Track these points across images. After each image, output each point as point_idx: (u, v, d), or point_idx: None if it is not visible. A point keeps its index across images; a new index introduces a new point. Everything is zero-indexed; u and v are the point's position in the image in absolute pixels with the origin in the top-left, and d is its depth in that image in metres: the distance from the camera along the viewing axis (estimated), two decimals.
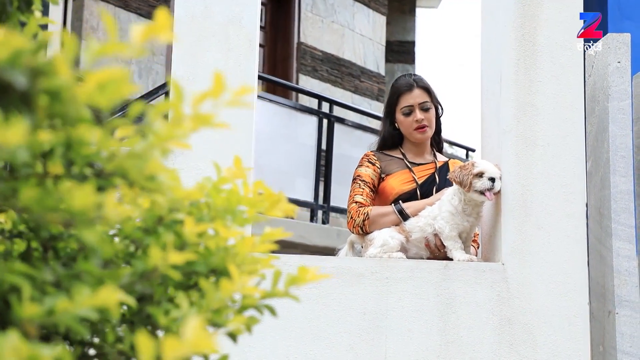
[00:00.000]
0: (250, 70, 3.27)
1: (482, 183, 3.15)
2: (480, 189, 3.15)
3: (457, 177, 3.20)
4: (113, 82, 0.85)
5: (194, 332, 0.75)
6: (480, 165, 3.19)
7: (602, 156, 3.35)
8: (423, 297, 3.15)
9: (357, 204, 3.46)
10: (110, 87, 0.84)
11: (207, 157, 3.24)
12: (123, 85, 0.86)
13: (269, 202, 1.23)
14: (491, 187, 3.16)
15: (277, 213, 1.23)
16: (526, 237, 3.19)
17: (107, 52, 0.90)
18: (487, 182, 3.15)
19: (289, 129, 7.31)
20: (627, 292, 3.18)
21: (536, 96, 3.27)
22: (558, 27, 3.31)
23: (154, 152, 0.95)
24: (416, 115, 3.53)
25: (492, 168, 3.19)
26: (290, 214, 1.26)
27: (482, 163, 3.21)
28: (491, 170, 3.17)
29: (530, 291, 3.16)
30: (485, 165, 3.20)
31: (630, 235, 3.22)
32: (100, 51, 0.90)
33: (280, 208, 1.23)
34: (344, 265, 3.17)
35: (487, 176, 3.16)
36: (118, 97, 0.86)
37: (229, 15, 3.29)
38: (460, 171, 3.20)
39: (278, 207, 1.23)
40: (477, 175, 3.16)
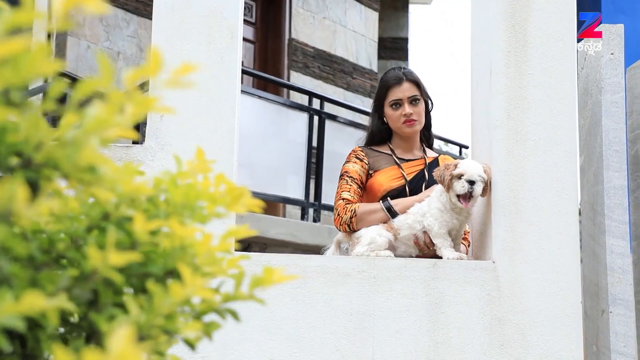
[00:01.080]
0: (232, 64, 3.17)
1: (461, 186, 3.05)
2: (457, 192, 3.05)
3: (439, 176, 3.10)
4: (24, 56, 0.74)
5: (120, 345, 0.65)
6: (461, 167, 3.08)
7: (595, 151, 3.26)
8: (411, 297, 3.05)
9: (344, 200, 3.36)
10: (22, 62, 0.74)
11: (187, 152, 3.14)
12: (38, 62, 0.75)
13: (230, 197, 1.13)
14: (470, 190, 3.05)
15: (240, 209, 1.13)
16: (517, 234, 3.09)
17: (22, 21, 0.79)
18: (466, 185, 3.04)
19: (279, 126, 7.20)
20: (621, 291, 3.09)
21: (527, 89, 3.17)
22: (550, 17, 3.21)
23: (90, 140, 0.85)
24: (405, 109, 3.44)
25: (475, 170, 3.07)
26: (254, 209, 1.15)
27: (466, 164, 3.10)
28: (472, 172, 3.06)
29: (521, 290, 3.06)
30: (467, 166, 3.08)
31: (624, 232, 3.13)
32: (14, 20, 0.80)
33: (243, 203, 1.13)
34: (330, 264, 3.08)
35: (466, 179, 3.05)
36: (32, 74, 0.76)
37: (210, 7, 3.19)
38: (443, 170, 3.10)
39: (241, 202, 1.13)
40: (457, 176, 3.06)
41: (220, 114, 3.13)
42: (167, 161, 3.09)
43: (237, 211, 1.14)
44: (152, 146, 3.10)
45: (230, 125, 3.14)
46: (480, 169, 3.09)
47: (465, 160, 3.18)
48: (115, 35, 7.53)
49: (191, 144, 3.10)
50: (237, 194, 1.13)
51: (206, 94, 3.14)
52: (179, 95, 3.13)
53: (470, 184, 3.05)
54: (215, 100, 3.14)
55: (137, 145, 3.12)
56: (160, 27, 3.18)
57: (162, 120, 3.11)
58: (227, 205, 1.14)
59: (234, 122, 3.15)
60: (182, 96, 3.10)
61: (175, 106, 3.16)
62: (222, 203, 1.13)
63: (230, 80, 3.15)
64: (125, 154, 3.09)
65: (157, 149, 3.10)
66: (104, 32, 7.51)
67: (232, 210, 1.14)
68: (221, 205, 1.14)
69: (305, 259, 3.08)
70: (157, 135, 3.11)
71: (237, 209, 1.13)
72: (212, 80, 3.14)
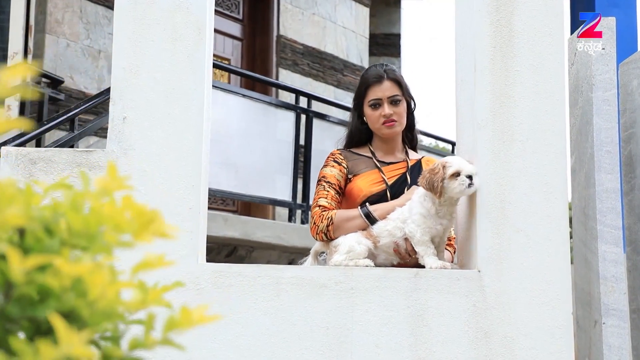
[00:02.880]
0: (200, 62, 2.97)
1: (461, 183, 2.87)
2: (456, 190, 2.87)
3: (426, 182, 2.90)
4: None
5: None
6: (454, 164, 2.90)
7: (586, 151, 3.07)
8: (392, 309, 2.86)
9: (320, 208, 3.17)
10: None
11: (152, 158, 2.96)
12: None
13: (138, 223, 0.94)
14: (470, 185, 2.87)
15: (148, 237, 0.94)
16: (504, 241, 2.90)
17: None
18: (466, 180, 2.87)
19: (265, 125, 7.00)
20: (614, 300, 2.90)
21: (513, 87, 2.98)
22: (537, 11, 3.02)
23: None
24: (384, 110, 3.25)
25: (468, 165, 2.91)
26: (167, 236, 0.97)
27: (455, 161, 2.92)
28: (467, 167, 2.89)
29: (508, 300, 2.87)
30: (459, 163, 2.91)
31: (617, 237, 2.94)
32: None
33: (154, 230, 0.94)
34: (305, 276, 2.89)
35: (465, 174, 2.87)
36: None
37: (176, 1, 2.99)
38: (430, 176, 2.90)
39: (150, 228, 0.94)
40: (453, 175, 2.87)
41: (187, 115, 2.94)
42: (131, 167, 2.90)
43: (145, 240, 0.95)
44: (114, 151, 2.91)
45: (198, 127, 2.95)
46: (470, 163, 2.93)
47: (453, 157, 2.99)
48: (95, 33, 7.33)
49: (156, 149, 2.91)
50: (145, 220, 0.94)
51: (172, 94, 2.95)
52: (143, 96, 2.95)
53: (470, 178, 2.88)
54: (181, 101, 2.95)
55: (98, 150, 2.93)
56: (122, 24, 2.99)
57: (124, 122, 2.92)
58: (134, 232, 0.95)
59: (202, 124, 2.96)
60: (146, 97, 2.92)
61: (139, 108, 2.98)
62: (128, 230, 0.94)
63: (198, 79, 2.96)
64: (86, 159, 2.90)
65: (120, 153, 2.91)
66: (84, 29, 7.31)
67: (140, 239, 0.95)
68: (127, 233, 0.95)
69: (278, 269, 2.89)
70: (119, 139, 2.92)
71: (145, 237, 0.94)
72: (178, 80, 2.95)
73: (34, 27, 7.01)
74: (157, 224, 0.94)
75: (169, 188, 2.89)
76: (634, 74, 3.19)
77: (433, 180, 2.88)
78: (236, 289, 2.85)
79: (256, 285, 2.86)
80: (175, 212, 2.88)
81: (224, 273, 2.87)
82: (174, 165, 2.91)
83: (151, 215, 0.94)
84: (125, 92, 2.94)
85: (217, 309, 2.83)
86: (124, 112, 2.93)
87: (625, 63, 3.25)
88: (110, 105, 2.94)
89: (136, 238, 0.94)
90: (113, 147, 2.91)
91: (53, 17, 7.06)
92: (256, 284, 2.86)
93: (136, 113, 2.93)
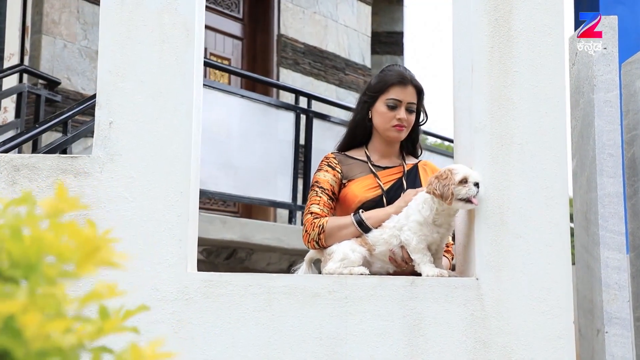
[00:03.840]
0: (188, 64, 2.89)
1: (469, 190, 2.78)
2: (466, 196, 2.78)
3: (435, 189, 2.80)
4: None
5: None
6: (460, 171, 2.80)
7: (588, 154, 2.97)
8: (387, 319, 2.77)
9: (312, 214, 3.07)
10: None
11: (139, 164, 2.87)
12: None
13: (82, 252, 0.85)
14: (477, 192, 2.79)
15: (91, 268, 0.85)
16: (503, 248, 2.81)
17: None
18: (473, 188, 2.78)
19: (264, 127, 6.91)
20: (617, 309, 2.81)
21: (512, 88, 2.89)
22: (537, 9, 2.92)
23: None
24: (400, 113, 3.14)
25: (474, 172, 2.82)
26: (115, 266, 0.88)
27: (461, 168, 2.83)
28: (473, 174, 2.80)
29: (508, 309, 2.78)
30: (465, 169, 2.82)
31: (620, 243, 2.85)
32: None
33: (99, 259, 0.86)
34: (298, 284, 2.80)
35: (472, 181, 2.78)
36: None
37: (163, 2, 2.90)
38: (439, 182, 2.81)
39: (95, 258, 0.85)
40: (462, 182, 2.78)
41: (175, 119, 2.85)
42: (117, 173, 2.81)
43: (89, 271, 0.86)
44: (100, 157, 2.82)
45: (186, 131, 2.86)
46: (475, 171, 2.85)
47: (458, 165, 2.89)
48: (93, 34, 7.24)
49: (144, 154, 2.83)
50: (90, 248, 0.85)
51: (160, 97, 2.86)
52: (130, 100, 2.86)
53: (476, 186, 2.79)
54: (170, 105, 2.86)
55: (84, 156, 2.84)
56: (108, 25, 2.90)
57: (111, 127, 2.83)
58: (78, 262, 0.86)
59: (191, 128, 2.87)
60: (133, 101, 2.83)
61: (126, 112, 2.89)
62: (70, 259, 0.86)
63: (187, 81, 2.87)
64: (71, 165, 2.81)
65: (106, 159, 2.82)
66: (82, 30, 7.23)
67: (83, 270, 0.86)
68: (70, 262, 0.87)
69: (270, 278, 2.80)
70: (105, 144, 2.83)
71: (88, 268, 0.85)
72: (166, 83, 2.86)
73: (31, 28, 6.94)
74: (103, 252, 0.85)
75: (156, 195, 2.81)
76: (636, 74, 3.09)
77: (443, 186, 2.78)
78: (226, 299, 2.76)
79: (247, 295, 2.77)
80: (163, 219, 2.79)
81: (213, 282, 2.78)
82: (162, 171, 2.82)
83: (98, 242, 0.85)
84: (111, 95, 2.85)
85: (207, 319, 2.74)
86: (110, 116, 2.84)
87: (628, 63, 3.15)
88: (96, 109, 2.86)
89: (79, 268, 0.85)
90: (99, 153, 2.83)
91: (50, 17, 6.98)
92: (247, 293, 2.77)
93: (123, 117, 2.84)
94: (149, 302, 2.74)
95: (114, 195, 2.80)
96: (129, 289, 2.69)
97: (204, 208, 7.78)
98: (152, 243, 2.78)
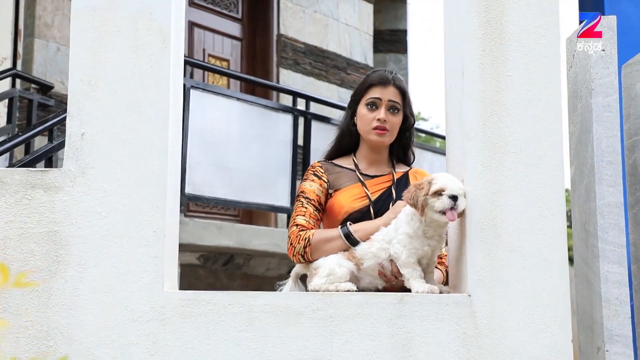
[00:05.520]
0: (164, 71, 2.75)
1: (442, 202, 2.63)
2: (439, 209, 2.63)
3: (409, 198, 2.67)
4: None
5: None
6: (439, 181, 2.66)
7: (587, 162, 2.82)
8: (375, 338, 2.63)
9: (297, 227, 2.93)
10: None
11: (113, 178, 2.73)
12: None
13: None
14: (453, 206, 2.63)
15: None
16: (496, 262, 2.66)
17: None
18: (447, 201, 2.63)
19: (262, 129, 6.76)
20: (618, 325, 2.66)
21: (505, 93, 2.74)
22: (530, 10, 2.77)
23: None
24: (380, 114, 3.01)
25: (455, 184, 2.66)
26: None
27: (443, 178, 2.68)
28: (453, 186, 2.65)
29: (502, 328, 2.63)
30: (446, 180, 2.67)
31: (620, 256, 2.69)
32: None
33: None
34: (280, 303, 2.65)
35: (448, 194, 2.63)
36: None
37: (137, 6, 2.77)
38: (415, 191, 2.67)
39: None
40: (436, 193, 2.64)
41: (151, 130, 2.72)
42: (89, 187, 2.68)
43: None
44: (71, 170, 2.69)
45: (163, 143, 2.72)
46: (459, 182, 2.68)
47: (441, 174, 2.74)
48: None
49: (117, 167, 2.70)
50: None
51: (134, 108, 2.72)
52: (103, 110, 2.72)
53: (452, 199, 2.63)
54: (145, 115, 2.72)
55: (55, 170, 2.71)
56: (79, 32, 2.77)
57: (83, 139, 2.70)
58: None
59: (168, 139, 2.72)
60: (106, 111, 2.70)
61: (99, 123, 2.75)
62: None
63: (163, 90, 2.73)
64: (40, 179, 2.68)
65: (78, 173, 2.69)
66: None
67: None
68: None
69: (251, 297, 2.66)
70: (77, 157, 2.69)
71: None
72: (141, 92, 2.73)
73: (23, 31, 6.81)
74: None
75: (131, 210, 2.67)
76: (637, 76, 2.94)
77: (417, 195, 2.64)
78: (205, 319, 2.63)
79: (226, 314, 2.63)
80: (138, 235, 2.66)
81: (191, 301, 2.64)
82: (137, 185, 2.68)
83: None
84: (83, 106, 2.72)
85: (184, 340, 2.61)
86: (82, 127, 2.71)
87: (629, 64, 2.99)
88: (67, 120, 2.72)
89: None
90: (70, 166, 2.69)
91: (42, 20, 6.85)
92: (226, 312, 2.63)
93: (95, 129, 2.70)
94: (123, 323, 2.61)
95: (86, 210, 2.66)
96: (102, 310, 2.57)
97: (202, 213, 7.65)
98: (126, 260, 2.65)
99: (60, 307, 2.62)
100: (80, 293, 2.63)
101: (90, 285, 2.63)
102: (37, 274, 2.64)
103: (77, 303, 2.62)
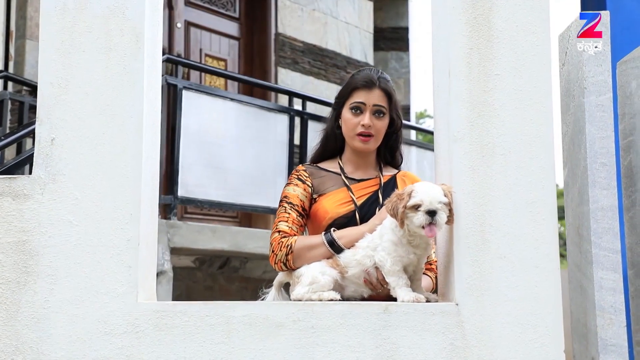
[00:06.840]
0: (138, 73, 2.64)
1: (418, 219, 2.51)
2: (417, 224, 2.52)
3: (390, 209, 2.56)
4: None
5: None
6: (418, 195, 2.53)
7: (580, 164, 2.70)
8: (358, 350, 2.51)
9: (280, 233, 2.82)
10: None
11: (84, 185, 2.62)
12: None
13: None
14: (430, 222, 2.51)
15: None
16: (485, 269, 2.54)
17: None
18: (424, 217, 2.50)
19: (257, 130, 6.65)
20: (612, 334, 2.54)
21: (494, 93, 2.62)
22: (520, 6, 2.65)
23: None
24: (364, 118, 2.90)
25: (434, 196, 2.51)
26: None
27: (422, 190, 2.54)
28: (430, 200, 2.51)
29: (491, 338, 2.52)
30: (424, 194, 2.52)
31: (615, 262, 2.57)
32: None
33: None
34: (259, 314, 2.54)
35: (424, 209, 2.51)
36: None
37: (109, 6, 2.66)
38: (396, 201, 2.56)
39: None
40: (414, 207, 2.52)
41: (124, 135, 2.61)
42: (60, 195, 2.57)
43: None
44: (41, 177, 2.58)
45: (136, 148, 2.61)
46: (439, 194, 2.54)
47: (421, 185, 2.59)
48: None
49: (89, 173, 2.59)
50: None
51: (106, 111, 2.61)
52: (74, 114, 2.61)
53: (430, 214, 2.51)
54: (117, 119, 2.61)
55: (23, 177, 2.60)
56: (48, 33, 2.66)
57: (53, 144, 2.59)
58: None
59: (142, 144, 2.62)
60: (77, 115, 2.59)
61: (70, 128, 2.65)
62: None
63: (136, 93, 2.62)
64: (8, 187, 2.57)
65: (48, 180, 2.58)
66: None
67: None
68: None
69: (228, 307, 2.55)
70: (47, 163, 2.59)
71: None
72: (113, 95, 2.62)
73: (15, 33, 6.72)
74: None
75: (104, 217, 2.56)
76: (633, 74, 2.82)
77: (397, 207, 2.53)
78: (180, 331, 2.52)
79: (203, 326, 2.52)
80: (111, 244, 2.55)
81: (166, 313, 2.54)
82: (110, 192, 2.57)
83: None
84: (53, 110, 2.61)
85: (159, 353, 2.50)
86: (52, 132, 2.60)
87: (623, 62, 2.87)
88: (37, 125, 2.62)
89: None
90: (40, 173, 2.58)
91: (34, 21, 6.76)
92: (203, 324, 2.52)
93: (66, 134, 2.60)
94: (96, 336, 2.51)
95: (56, 218, 2.56)
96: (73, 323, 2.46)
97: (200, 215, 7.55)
98: (99, 271, 2.54)
99: (29, 320, 2.52)
100: (50, 305, 2.52)
101: (60, 297, 2.53)
102: (5, 286, 2.53)
103: (47, 316, 2.52)
